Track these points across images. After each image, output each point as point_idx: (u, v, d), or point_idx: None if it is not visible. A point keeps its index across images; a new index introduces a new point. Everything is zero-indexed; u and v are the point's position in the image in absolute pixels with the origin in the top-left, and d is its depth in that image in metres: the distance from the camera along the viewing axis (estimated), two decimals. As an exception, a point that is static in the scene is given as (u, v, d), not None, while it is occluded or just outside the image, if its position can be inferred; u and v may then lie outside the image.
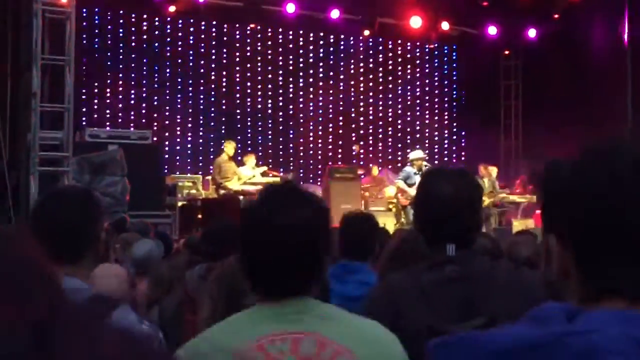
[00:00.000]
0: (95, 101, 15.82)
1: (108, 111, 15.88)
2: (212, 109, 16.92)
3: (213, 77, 16.89)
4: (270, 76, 17.40)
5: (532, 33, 16.99)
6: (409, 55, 18.66)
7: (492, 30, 16.82)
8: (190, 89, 16.68)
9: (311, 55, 17.80)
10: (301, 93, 17.69)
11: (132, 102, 16.17)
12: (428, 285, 2.21)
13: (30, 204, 9.08)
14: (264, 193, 1.89)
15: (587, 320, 0.99)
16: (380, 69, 18.44)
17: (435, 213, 2.28)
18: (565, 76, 15.40)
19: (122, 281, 3.02)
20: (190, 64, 16.72)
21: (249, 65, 17.13)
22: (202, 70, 16.78)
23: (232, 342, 1.74)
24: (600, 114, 13.45)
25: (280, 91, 17.53)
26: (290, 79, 17.62)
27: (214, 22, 16.74)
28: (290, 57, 17.60)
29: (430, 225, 2.32)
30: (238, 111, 17.15)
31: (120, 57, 16.08)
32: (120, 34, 16.06)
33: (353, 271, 3.74)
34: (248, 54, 17.11)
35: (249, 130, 17.20)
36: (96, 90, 15.83)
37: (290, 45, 17.57)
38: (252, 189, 13.36)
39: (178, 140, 16.42)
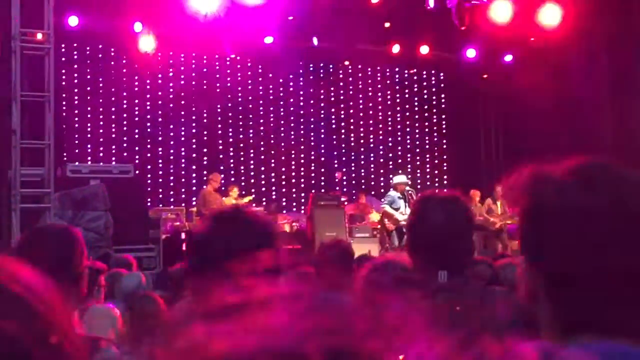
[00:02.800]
0: (76, 136, 15.73)
1: (89, 146, 15.79)
2: (194, 141, 16.88)
3: (193, 109, 16.87)
4: (251, 106, 17.41)
5: (508, 57, 17.08)
6: (388, 82, 18.76)
7: (471, 53, 16.92)
8: (171, 121, 16.63)
9: (291, 84, 17.84)
10: (282, 122, 17.70)
11: (113, 136, 16.09)
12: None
13: (12, 241, 8.97)
14: None
15: None
16: (361, 95, 18.50)
17: (427, 240, 2.26)
18: (543, 100, 15.47)
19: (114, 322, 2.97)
20: (170, 96, 16.68)
21: (229, 96, 17.12)
22: (182, 102, 16.75)
23: None
24: (581, 137, 13.57)
25: (261, 121, 17.53)
26: (271, 109, 17.63)
27: (193, 54, 16.75)
28: (271, 86, 17.61)
29: (423, 251, 2.30)
30: (220, 141, 17.13)
31: (100, 91, 16.04)
32: (99, 68, 16.03)
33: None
34: (228, 84, 17.11)
35: (231, 161, 17.16)
36: (77, 126, 15.76)
37: (270, 75, 17.58)
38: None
39: (160, 172, 16.35)
